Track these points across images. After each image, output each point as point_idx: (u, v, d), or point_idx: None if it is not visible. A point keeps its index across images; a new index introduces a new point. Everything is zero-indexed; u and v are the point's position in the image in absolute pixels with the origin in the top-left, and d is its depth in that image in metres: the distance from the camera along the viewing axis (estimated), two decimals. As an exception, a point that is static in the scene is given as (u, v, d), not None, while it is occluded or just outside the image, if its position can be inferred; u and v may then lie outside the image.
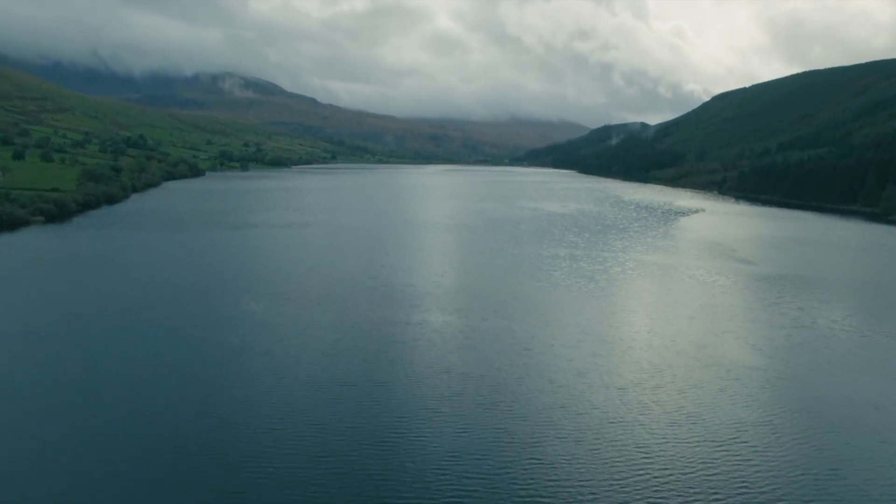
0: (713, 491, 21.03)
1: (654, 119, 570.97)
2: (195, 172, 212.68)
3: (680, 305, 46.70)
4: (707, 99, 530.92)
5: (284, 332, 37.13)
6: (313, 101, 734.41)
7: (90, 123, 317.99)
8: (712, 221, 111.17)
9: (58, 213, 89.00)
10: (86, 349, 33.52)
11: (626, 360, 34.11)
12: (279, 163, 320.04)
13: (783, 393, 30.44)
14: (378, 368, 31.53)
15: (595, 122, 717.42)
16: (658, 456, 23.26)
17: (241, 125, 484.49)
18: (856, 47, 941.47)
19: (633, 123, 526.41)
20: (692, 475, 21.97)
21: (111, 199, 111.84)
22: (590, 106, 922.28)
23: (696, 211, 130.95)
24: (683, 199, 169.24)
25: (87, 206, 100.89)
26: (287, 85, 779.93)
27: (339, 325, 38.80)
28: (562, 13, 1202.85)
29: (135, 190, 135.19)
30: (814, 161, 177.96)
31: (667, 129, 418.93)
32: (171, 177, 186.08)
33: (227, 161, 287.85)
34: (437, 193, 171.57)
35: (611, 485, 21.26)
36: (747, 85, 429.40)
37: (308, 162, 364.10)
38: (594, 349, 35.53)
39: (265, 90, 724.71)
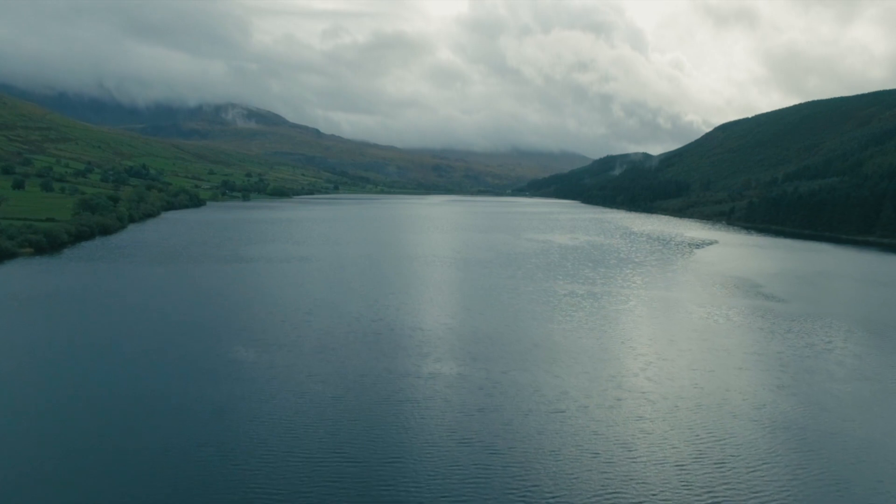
0: None
1: (655, 149, 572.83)
2: (196, 202, 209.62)
3: (723, 354, 41.78)
4: (707, 129, 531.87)
5: (276, 387, 32.25)
6: (316, 131, 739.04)
7: (93, 153, 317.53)
8: (729, 254, 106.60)
9: (48, 245, 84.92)
10: (42, 398, 28.69)
11: (678, 425, 29.09)
12: (281, 193, 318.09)
13: (867, 462, 25.45)
14: (387, 439, 26.54)
15: (595, 153, 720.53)
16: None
17: (244, 155, 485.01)
18: (852, 79, 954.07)
19: (636, 154, 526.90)
20: None
21: (106, 230, 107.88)
22: (590, 137, 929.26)
23: (710, 243, 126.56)
24: (693, 230, 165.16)
25: (79, 237, 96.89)
26: (290, 116, 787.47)
27: (340, 378, 33.96)
28: (561, 45, 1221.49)
29: (132, 220, 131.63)
30: (826, 191, 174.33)
31: (670, 159, 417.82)
32: (171, 207, 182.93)
33: (229, 191, 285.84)
34: (441, 225, 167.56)
35: None
36: (747, 116, 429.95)
37: (310, 192, 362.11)
38: (637, 411, 30.54)
39: (268, 121, 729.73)
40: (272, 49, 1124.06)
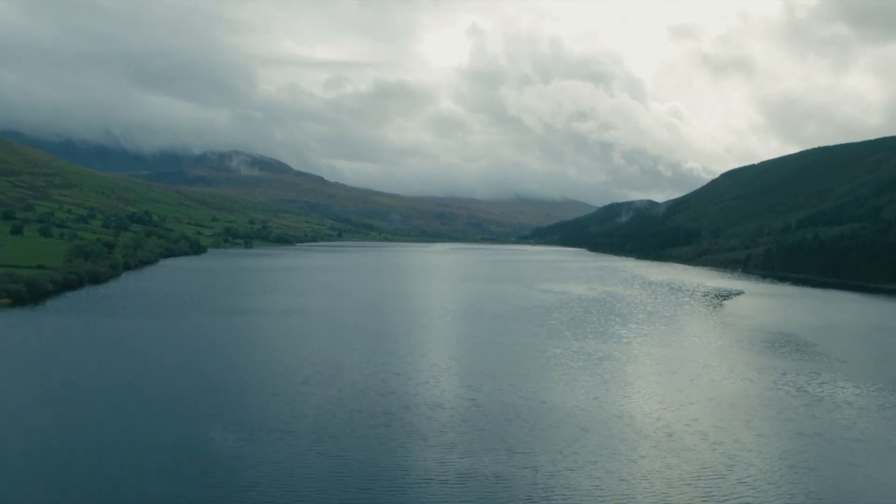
0: None
1: (657, 196, 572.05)
2: (196, 249, 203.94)
3: (817, 439, 34.23)
4: (708, 176, 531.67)
5: (262, 487, 24.92)
6: (320, 179, 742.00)
7: (97, 199, 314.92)
8: (762, 305, 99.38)
9: (28, 295, 78.12)
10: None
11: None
12: (284, 240, 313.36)
13: None
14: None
15: (597, 200, 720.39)
16: None
17: (248, 202, 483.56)
18: (849, 126, 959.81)
19: (641, 201, 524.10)
20: None
21: (96, 278, 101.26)
22: (591, 184, 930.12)
23: (736, 293, 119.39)
24: (712, 278, 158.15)
25: (66, 285, 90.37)
26: (294, 163, 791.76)
27: (341, 477, 26.54)
28: (561, 95, 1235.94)
29: (127, 268, 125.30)
30: (849, 237, 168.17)
31: (677, 206, 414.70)
32: (171, 253, 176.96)
33: (232, 238, 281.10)
34: (449, 274, 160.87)
35: None
36: (746, 163, 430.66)
37: (313, 239, 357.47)
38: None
39: (272, 168, 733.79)
40: (276, 98, 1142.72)
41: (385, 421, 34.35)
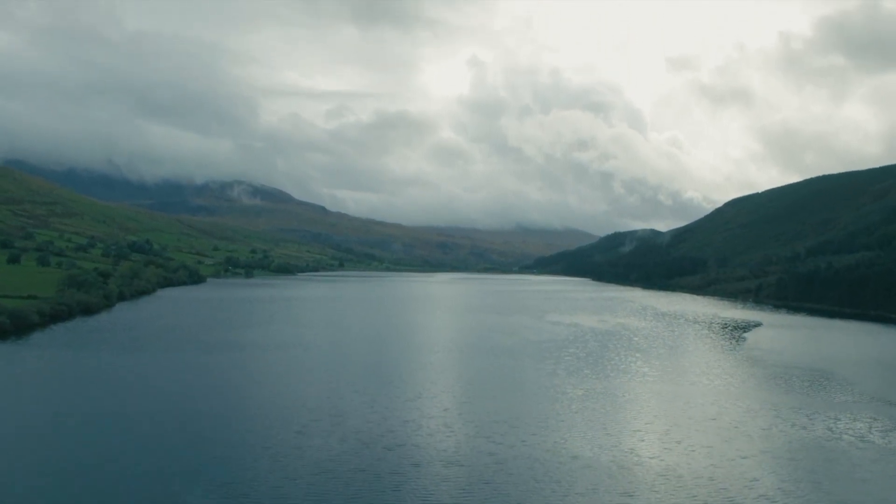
0: None
1: (658, 225, 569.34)
2: (195, 279, 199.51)
3: None
4: (708, 205, 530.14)
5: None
6: (322, 208, 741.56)
7: (98, 228, 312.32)
8: (786, 338, 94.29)
9: (12, 327, 73.37)
10: None
11: None
12: (285, 269, 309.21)
13: None
14: None
15: (598, 230, 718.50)
16: None
17: (250, 231, 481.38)
18: (847, 155, 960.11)
19: (644, 230, 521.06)
20: None
21: (88, 309, 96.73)
22: (592, 213, 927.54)
23: (754, 324, 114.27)
24: (724, 309, 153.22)
25: (55, 317, 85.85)
26: (296, 193, 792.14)
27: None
28: (561, 125, 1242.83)
29: (122, 298, 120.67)
30: (866, 266, 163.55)
31: (681, 235, 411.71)
32: (169, 283, 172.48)
33: (233, 267, 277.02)
34: (453, 305, 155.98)
35: None
36: (746, 192, 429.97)
37: (315, 269, 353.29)
38: None
39: (274, 198, 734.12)
40: (278, 128, 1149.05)
41: (394, 483, 29.36)
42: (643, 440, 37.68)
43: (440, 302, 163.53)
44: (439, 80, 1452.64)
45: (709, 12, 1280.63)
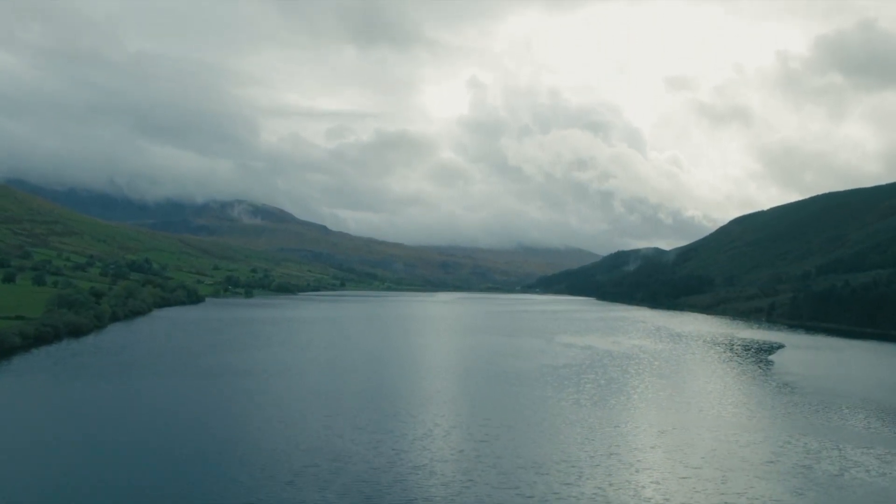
0: None
1: (659, 244, 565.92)
2: (194, 299, 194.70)
3: None
4: (708, 224, 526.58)
5: None
6: (324, 228, 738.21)
7: (98, 247, 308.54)
8: (815, 361, 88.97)
9: (-10, 350, 68.75)
10: None
11: None
12: (285, 289, 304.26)
13: None
14: None
15: (600, 248, 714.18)
16: None
17: (251, 251, 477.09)
18: (847, 173, 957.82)
19: (647, 249, 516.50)
20: None
21: (76, 331, 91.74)
22: (592, 232, 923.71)
23: (777, 346, 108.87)
24: (739, 329, 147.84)
25: (40, 339, 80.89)
26: (297, 213, 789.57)
27: None
28: (560, 144, 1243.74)
29: (116, 318, 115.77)
30: (884, 284, 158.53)
31: (686, 253, 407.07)
32: (166, 303, 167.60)
33: (233, 287, 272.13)
34: (457, 326, 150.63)
35: None
36: (748, 210, 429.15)
37: (316, 288, 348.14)
38: None
39: (275, 217, 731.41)
40: (278, 147, 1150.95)
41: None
42: (697, 490, 32.42)
43: (444, 323, 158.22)
44: (439, 100, 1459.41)
45: (707, 33, 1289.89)
